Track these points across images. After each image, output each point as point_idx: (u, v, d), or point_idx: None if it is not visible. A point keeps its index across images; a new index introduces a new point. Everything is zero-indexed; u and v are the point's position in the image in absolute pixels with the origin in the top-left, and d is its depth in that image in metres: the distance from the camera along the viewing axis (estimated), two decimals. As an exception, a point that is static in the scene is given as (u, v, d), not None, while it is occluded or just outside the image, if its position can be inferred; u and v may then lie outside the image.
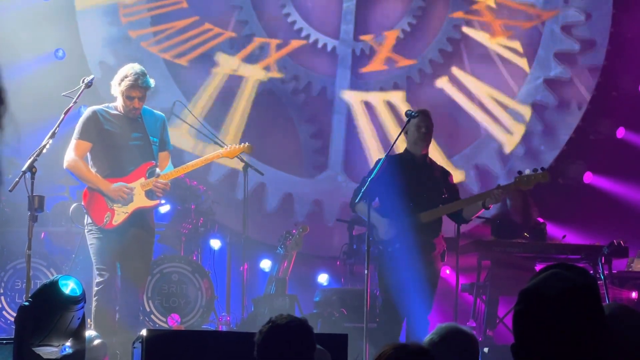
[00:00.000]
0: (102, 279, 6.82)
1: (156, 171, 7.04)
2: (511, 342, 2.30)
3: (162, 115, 7.33)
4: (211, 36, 10.98)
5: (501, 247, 8.52)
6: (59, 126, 6.53)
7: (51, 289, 5.06)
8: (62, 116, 6.58)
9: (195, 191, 9.29)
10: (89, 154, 6.98)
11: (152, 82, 7.02)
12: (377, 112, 11.14)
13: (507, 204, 9.09)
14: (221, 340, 5.40)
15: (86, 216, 6.98)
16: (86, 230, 6.98)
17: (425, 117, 7.23)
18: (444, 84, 11.20)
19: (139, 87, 6.90)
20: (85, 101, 7.77)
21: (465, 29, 11.24)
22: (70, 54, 10.43)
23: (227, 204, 10.08)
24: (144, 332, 5.01)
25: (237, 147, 7.49)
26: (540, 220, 9.24)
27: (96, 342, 6.10)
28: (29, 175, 6.29)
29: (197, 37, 10.95)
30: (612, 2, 11.19)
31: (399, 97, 11.15)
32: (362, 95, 11.18)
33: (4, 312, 8.47)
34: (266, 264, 9.77)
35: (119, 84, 6.93)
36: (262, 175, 8.37)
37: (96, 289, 6.85)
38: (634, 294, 8.64)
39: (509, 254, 8.47)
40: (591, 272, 7.97)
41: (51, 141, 6.43)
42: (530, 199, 9.27)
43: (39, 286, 5.38)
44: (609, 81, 11.25)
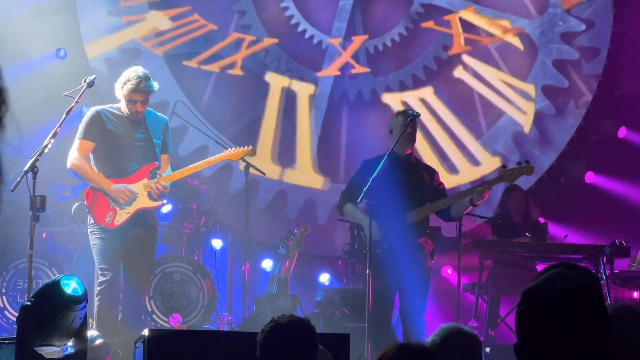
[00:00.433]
0: (104, 279, 6.82)
1: (158, 172, 7.04)
2: (513, 341, 2.30)
3: (166, 118, 7.32)
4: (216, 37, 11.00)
5: (503, 247, 8.52)
6: (60, 126, 6.53)
7: (53, 289, 5.06)
8: (64, 116, 6.58)
9: (196, 191, 9.29)
10: (91, 153, 6.98)
11: (156, 86, 6.99)
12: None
13: (507, 205, 9.09)
14: (223, 340, 5.40)
15: (89, 216, 6.98)
16: (89, 230, 6.97)
17: (405, 117, 7.36)
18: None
19: (141, 91, 6.89)
20: (86, 101, 7.77)
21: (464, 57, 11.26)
22: (71, 53, 10.43)
23: (228, 203, 10.08)
24: (145, 332, 5.01)
25: (241, 149, 7.48)
26: (541, 220, 9.24)
27: (98, 342, 6.10)
28: (30, 175, 6.29)
29: (197, 35, 10.96)
30: (613, 2, 11.20)
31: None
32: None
33: (5, 312, 8.47)
34: (268, 264, 9.77)
35: (122, 87, 6.92)
36: (263, 175, 8.38)
37: (99, 288, 6.85)
38: (635, 294, 8.64)
39: (511, 253, 8.47)
40: (593, 271, 7.96)
41: (53, 141, 6.43)
42: (530, 199, 9.28)
43: (40, 286, 5.38)
44: (610, 81, 11.25)
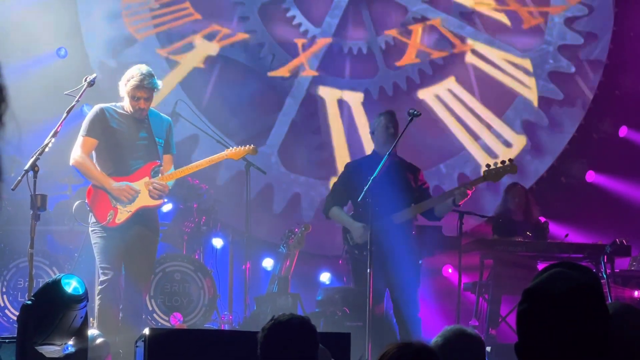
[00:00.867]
0: (106, 278, 6.82)
1: (160, 171, 7.04)
2: (514, 341, 2.30)
3: (169, 119, 7.33)
4: (220, 36, 10.99)
5: (504, 246, 8.52)
6: (61, 125, 6.53)
7: (54, 288, 5.07)
8: (65, 115, 6.57)
9: (197, 190, 9.29)
10: (94, 151, 6.98)
11: (160, 84, 7.02)
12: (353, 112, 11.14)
13: (508, 204, 9.09)
14: (223, 339, 5.40)
15: (90, 214, 6.98)
16: (90, 229, 6.97)
17: (391, 117, 7.39)
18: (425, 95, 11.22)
19: (144, 87, 6.90)
20: (87, 100, 7.77)
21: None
22: (72, 52, 10.43)
23: (236, 205, 10.07)
24: (146, 331, 5.01)
25: (242, 148, 7.49)
26: (542, 219, 9.24)
27: (99, 341, 6.10)
28: (31, 174, 6.29)
29: (198, 34, 10.96)
30: (613, 1, 11.20)
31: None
32: (337, 92, 11.18)
33: (6, 311, 8.47)
34: (268, 263, 9.76)
35: (126, 85, 6.94)
36: (264, 174, 8.39)
37: (100, 287, 6.85)
38: (636, 293, 8.64)
39: (512, 252, 8.47)
40: (594, 270, 7.96)
41: (53, 140, 6.43)
42: (531, 197, 9.28)
43: (41, 285, 5.38)
44: (611, 80, 11.25)
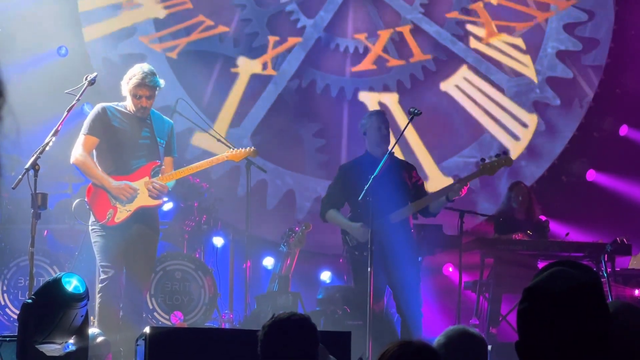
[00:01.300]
0: (106, 276, 6.82)
1: (160, 171, 7.04)
2: (514, 340, 2.30)
3: (171, 121, 7.32)
4: (214, 34, 10.99)
5: (504, 245, 8.52)
6: (62, 124, 6.53)
7: (54, 287, 5.07)
8: (65, 114, 6.57)
9: (198, 189, 9.29)
10: (94, 150, 6.98)
11: (162, 82, 7.02)
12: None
13: (512, 202, 9.09)
14: (224, 337, 5.40)
15: (90, 213, 6.98)
16: (90, 228, 6.98)
17: (382, 117, 7.41)
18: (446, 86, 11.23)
19: (146, 85, 6.90)
20: (88, 99, 7.77)
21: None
22: (73, 51, 10.43)
23: (230, 201, 10.07)
24: (147, 330, 5.01)
25: (243, 150, 7.49)
26: (543, 218, 9.24)
27: (99, 339, 6.10)
28: (32, 172, 6.29)
29: (199, 33, 10.96)
30: (614, 0, 11.20)
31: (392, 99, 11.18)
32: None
33: (7, 310, 8.48)
34: (269, 262, 9.77)
35: (128, 83, 6.94)
36: (264, 172, 8.38)
37: (100, 286, 6.85)
38: (637, 292, 8.64)
39: (512, 251, 8.47)
40: (594, 269, 7.97)
41: (54, 139, 6.43)
42: (534, 196, 9.28)
43: (42, 284, 5.39)
44: (612, 79, 11.25)
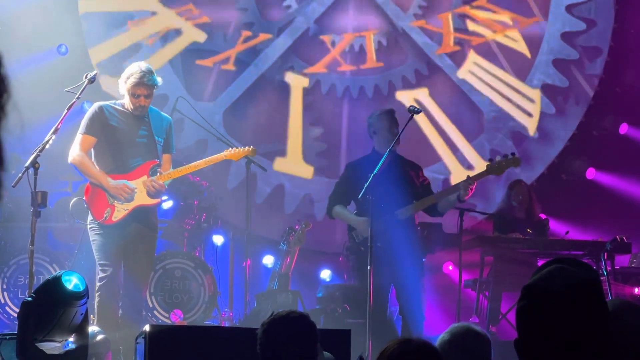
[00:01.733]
0: (104, 275, 6.83)
1: (158, 170, 7.04)
2: (514, 338, 2.30)
3: (169, 118, 7.32)
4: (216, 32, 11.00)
5: (504, 243, 8.52)
6: (61, 122, 6.53)
7: (54, 285, 5.07)
8: (65, 112, 6.58)
9: (198, 187, 9.29)
10: (92, 149, 6.98)
11: (160, 80, 7.01)
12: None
13: (512, 200, 9.09)
14: (224, 336, 5.41)
15: (88, 212, 6.99)
16: (88, 226, 6.98)
17: (393, 116, 7.41)
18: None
19: (144, 84, 6.90)
20: (88, 97, 7.76)
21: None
22: (73, 49, 10.43)
23: (239, 206, 10.06)
24: (147, 328, 5.01)
25: (242, 149, 7.49)
26: (542, 216, 9.24)
27: (99, 337, 6.10)
28: (32, 171, 6.30)
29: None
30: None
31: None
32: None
33: (7, 308, 8.48)
34: (269, 260, 9.77)
35: (125, 82, 6.93)
36: (265, 171, 8.39)
37: (99, 284, 6.86)
38: (636, 290, 8.65)
39: (512, 249, 8.48)
40: (594, 267, 7.97)
41: (54, 137, 6.43)
42: (534, 195, 9.28)
43: (42, 282, 5.39)
44: (612, 77, 11.25)
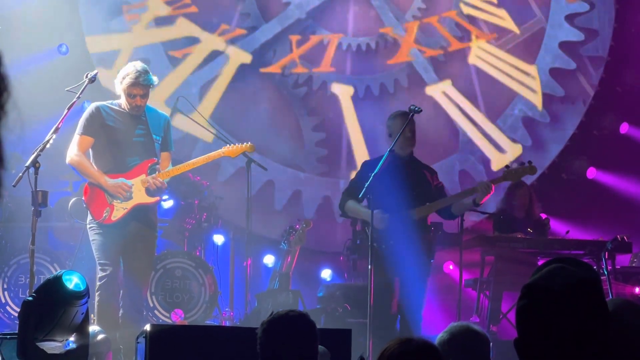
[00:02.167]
0: (104, 274, 6.84)
1: (157, 168, 7.04)
2: (515, 337, 2.30)
3: (167, 115, 7.33)
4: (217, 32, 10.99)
5: (505, 243, 8.52)
6: (62, 121, 6.54)
7: (55, 284, 5.07)
8: (66, 111, 6.59)
9: (198, 187, 9.29)
10: (90, 149, 6.99)
11: (155, 80, 7.02)
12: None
13: (512, 200, 9.09)
14: (224, 335, 5.41)
15: (87, 212, 6.99)
16: (88, 226, 6.99)
17: (404, 119, 7.38)
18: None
19: (140, 84, 6.90)
20: (88, 96, 7.76)
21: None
22: (73, 49, 10.43)
23: (231, 198, 10.06)
24: (147, 327, 5.01)
25: (240, 146, 7.49)
26: (543, 216, 9.24)
27: (100, 337, 6.10)
28: (32, 170, 6.30)
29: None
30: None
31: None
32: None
33: (7, 307, 8.49)
34: (269, 260, 9.77)
35: (121, 82, 6.94)
36: (265, 170, 8.38)
37: (99, 283, 6.86)
38: (637, 290, 8.64)
39: (513, 249, 8.47)
40: (595, 267, 7.97)
41: (55, 136, 6.44)
42: (534, 195, 9.28)
43: (42, 281, 5.39)
44: (612, 77, 11.25)
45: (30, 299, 5.08)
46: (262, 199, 10.68)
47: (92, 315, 6.63)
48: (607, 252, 8.29)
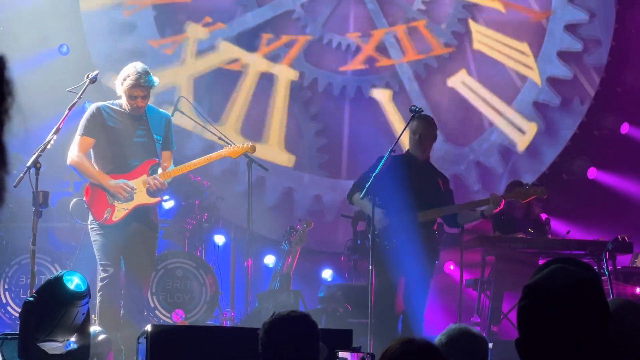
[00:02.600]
0: (106, 275, 6.84)
1: (158, 169, 7.05)
2: (516, 337, 2.30)
3: (168, 114, 7.33)
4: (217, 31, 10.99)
5: (505, 243, 8.52)
6: (63, 122, 6.54)
7: (56, 285, 5.08)
8: (67, 112, 6.59)
9: (199, 187, 9.29)
10: (92, 150, 6.99)
11: (156, 81, 7.01)
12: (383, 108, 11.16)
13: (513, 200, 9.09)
14: (225, 335, 5.41)
15: (89, 213, 6.99)
16: (89, 226, 6.99)
17: (422, 123, 7.34)
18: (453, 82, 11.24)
19: (141, 86, 6.90)
20: (89, 97, 7.77)
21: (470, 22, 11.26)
22: (74, 49, 10.42)
23: (231, 199, 10.07)
24: (148, 328, 5.02)
25: (240, 147, 7.48)
26: (544, 216, 9.24)
27: (101, 337, 6.11)
28: (33, 170, 6.31)
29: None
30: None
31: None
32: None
33: (8, 308, 8.49)
34: (270, 260, 9.77)
35: (122, 84, 6.93)
36: (266, 171, 8.38)
37: (100, 284, 6.87)
38: (638, 290, 8.64)
39: (514, 249, 8.47)
40: (595, 267, 7.97)
41: (56, 137, 6.44)
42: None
43: (43, 282, 5.39)
44: (613, 77, 11.24)
45: (31, 299, 5.08)
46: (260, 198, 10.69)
47: (93, 315, 6.64)
48: (607, 253, 8.29)
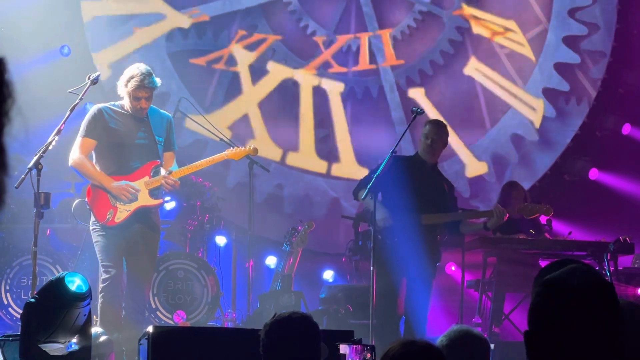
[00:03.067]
0: (108, 276, 6.84)
1: (161, 170, 7.04)
2: (517, 338, 2.30)
3: (169, 115, 7.33)
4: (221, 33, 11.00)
5: (507, 244, 8.51)
6: (64, 123, 6.54)
7: (57, 286, 5.08)
8: (68, 113, 6.59)
9: (200, 188, 9.29)
10: (93, 151, 6.99)
11: (159, 82, 7.01)
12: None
13: (512, 201, 9.07)
14: (227, 336, 5.41)
15: (91, 214, 6.99)
16: (91, 228, 6.99)
17: (432, 127, 7.35)
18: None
19: (145, 87, 6.90)
20: (91, 98, 7.78)
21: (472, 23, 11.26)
22: (75, 50, 10.43)
23: (240, 204, 10.07)
24: (150, 329, 5.02)
25: (243, 149, 7.48)
26: (545, 217, 9.22)
27: (102, 338, 6.10)
28: (34, 172, 6.31)
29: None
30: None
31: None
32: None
33: (10, 309, 8.49)
34: (272, 261, 9.78)
35: (125, 85, 6.92)
36: (268, 172, 8.39)
37: (102, 285, 6.86)
38: (639, 291, 8.63)
39: (515, 250, 8.47)
40: (597, 268, 7.97)
41: (57, 138, 6.44)
42: (529, 197, 9.26)
43: (45, 283, 5.40)
44: (614, 77, 11.24)
45: (32, 300, 5.08)
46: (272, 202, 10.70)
47: (94, 316, 6.64)
48: (609, 253, 8.28)
